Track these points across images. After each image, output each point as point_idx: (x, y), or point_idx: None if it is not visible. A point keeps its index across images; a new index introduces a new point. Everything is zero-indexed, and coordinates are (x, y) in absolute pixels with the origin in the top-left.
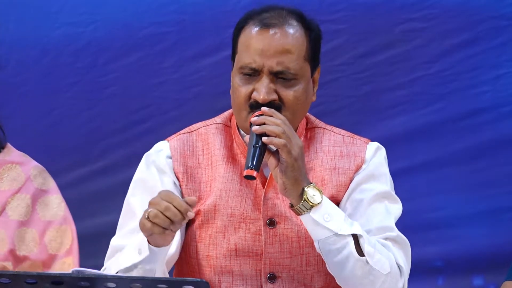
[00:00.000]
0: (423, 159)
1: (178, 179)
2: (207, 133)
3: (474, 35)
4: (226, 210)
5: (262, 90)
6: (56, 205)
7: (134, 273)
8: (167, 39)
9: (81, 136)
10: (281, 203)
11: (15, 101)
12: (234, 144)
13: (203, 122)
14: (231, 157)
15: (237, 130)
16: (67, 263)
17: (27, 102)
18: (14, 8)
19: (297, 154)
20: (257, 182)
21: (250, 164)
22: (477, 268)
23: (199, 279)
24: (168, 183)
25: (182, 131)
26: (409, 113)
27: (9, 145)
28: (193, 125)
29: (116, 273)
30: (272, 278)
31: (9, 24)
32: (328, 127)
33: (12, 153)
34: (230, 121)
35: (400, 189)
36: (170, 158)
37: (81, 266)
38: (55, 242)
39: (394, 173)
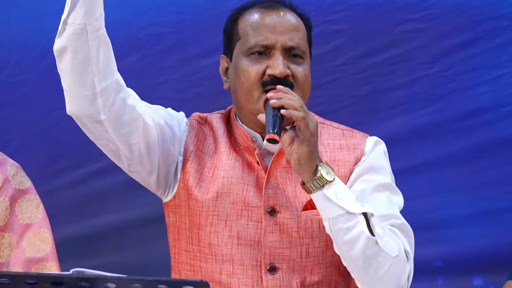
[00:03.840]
0: (423, 159)
1: (184, 150)
2: (212, 121)
3: (474, 35)
4: (229, 198)
5: (280, 64)
6: (35, 206)
7: (65, 33)
8: (167, 39)
9: (81, 136)
10: (283, 193)
11: (15, 101)
12: (234, 136)
13: (208, 113)
14: (233, 146)
15: (236, 121)
16: (48, 268)
17: (27, 102)
18: (14, 8)
19: (314, 129)
20: (259, 170)
21: (271, 130)
22: (477, 268)
23: (199, 280)
24: (177, 128)
25: (197, 118)
26: (409, 113)
27: None
28: (201, 115)
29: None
30: (273, 269)
31: (9, 24)
32: (328, 122)
33: None
34: (229, 115)
35: (400, 189)
36: (188, 126)
37: (81, 266)
38: (34, 245)
39: (394, 173)
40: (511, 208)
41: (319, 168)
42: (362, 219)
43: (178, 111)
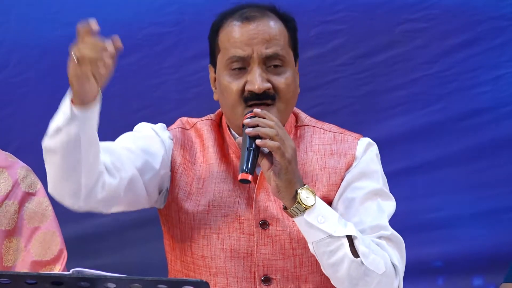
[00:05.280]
0: (423, 159)
1: (172, 164)
2: (202, 129)
3: (474, 35)
4: (220, 210)
5: (257, 79)
6: (44, 208)
7: (59, 138)
8: (167, 39)
9: None
10: (273, 205)
11: (15, 101)
12: (226, 144)
13: (198, 118)
14: (224, 156)
15: (228, 130)
16: (55, 271)
17: (27, 102)
18: (14, 8)
19: (291, 156)
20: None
21: (245, 168)
22: (477, 268)
23: (199, 280)
24: (160, 148)
25: (180, 125)
26: (409, 113)
27: None
28: (189, 120)
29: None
30: (267, 280)
31: (9, 24)
32: (319, 124)
33: None
34: (221, 120)
35: (400, 189)
36: (172, 140)
37: (81, 266)
38: (42, 248)
39: (394, 173)
40: (511, 208)
41: (299, 193)
42: (345, 241)
43: (178, 111)
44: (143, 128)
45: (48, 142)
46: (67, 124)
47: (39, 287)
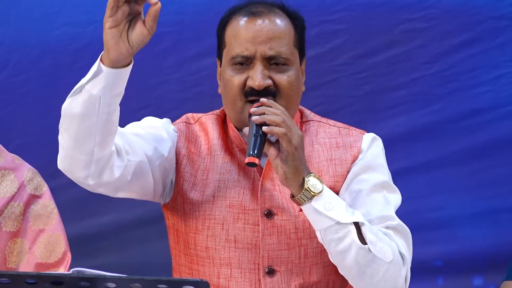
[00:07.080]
0: (423, 159)
1: (177, 156)
2: (206, 122)
3: (474, 35)
4: (225, 201)
5: (258, 76)
6: (49, 211)
7: (80, 97)
8: (167, 39)
9: None
10: (279, 195)
11: (15, 101)
12: (229, 138)
13: (203, 114)
14: (228, 149)
15: (231, 124)
16: None
17: (27, 102)
18: (14, 8)
19: (297, 143)
20: (255, 172)
21: (251, 152)
22: (477, 268)
23: (199, 279)
24: (168, 139)
25: (185, 120)
26: (409, 113)
27: (0, 147)
28: (194, 115)
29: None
30: (271, 272)
31: (9, 24)
32: (324, 120)
33: (4, 157)
34: (225, 116)
35: (400, 189)
36: (177, 132)
37: (81, 266)
38: (46, 250)
39: (394, 173)
40: (511, 208)
41: (306, 180)
42: (353, 228)
43: (178, 111)
44: (150, 119)
45: (68, 102)
46: (90, 81)
47: (39, 287)
